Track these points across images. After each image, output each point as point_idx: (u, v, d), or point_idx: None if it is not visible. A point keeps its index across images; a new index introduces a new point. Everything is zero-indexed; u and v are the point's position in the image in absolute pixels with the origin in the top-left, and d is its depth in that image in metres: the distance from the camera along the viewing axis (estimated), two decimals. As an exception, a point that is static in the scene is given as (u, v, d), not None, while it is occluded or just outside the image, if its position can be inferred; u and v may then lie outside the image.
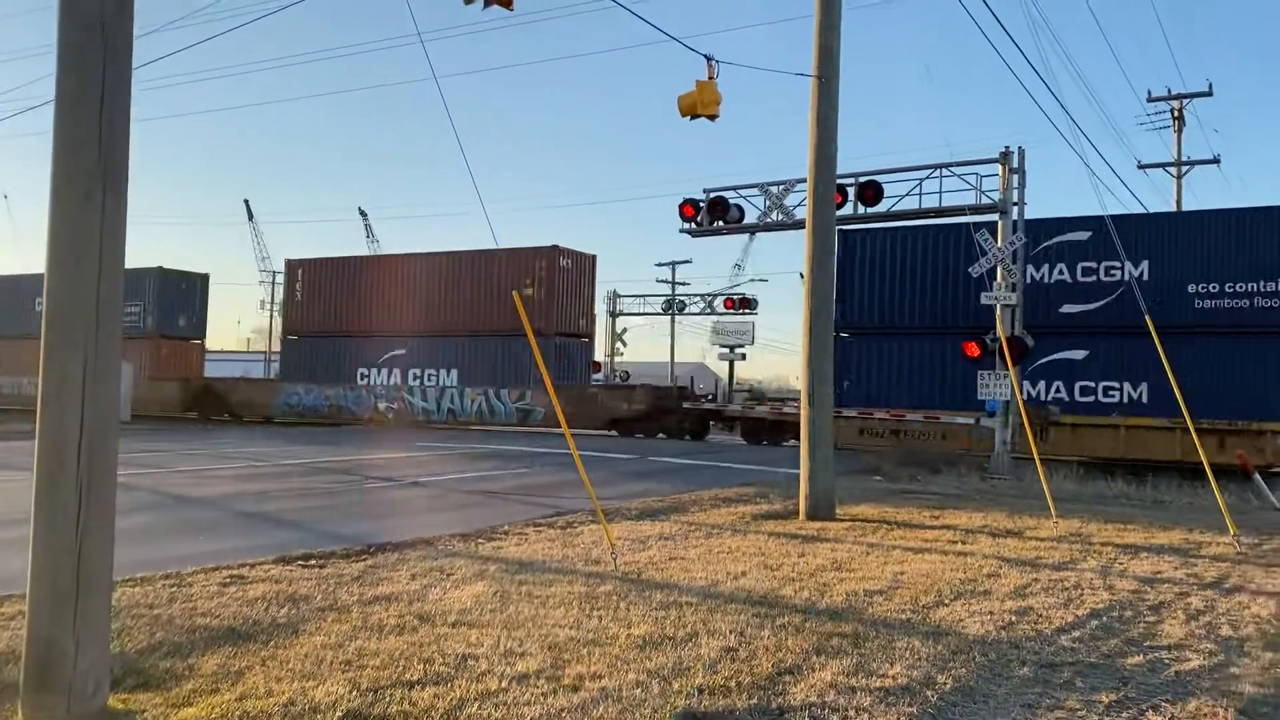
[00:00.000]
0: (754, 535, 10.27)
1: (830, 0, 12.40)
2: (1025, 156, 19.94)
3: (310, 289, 35.84)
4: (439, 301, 32.92)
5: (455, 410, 31.75)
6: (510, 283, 30.46)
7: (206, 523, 10.77)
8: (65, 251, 4.52)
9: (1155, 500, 15.12)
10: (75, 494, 4.41)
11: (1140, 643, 6.20)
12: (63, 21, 4.62)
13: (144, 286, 37.94)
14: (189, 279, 40.05)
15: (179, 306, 38.94)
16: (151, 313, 38.21)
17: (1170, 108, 35.04)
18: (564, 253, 31.69)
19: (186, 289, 39.72)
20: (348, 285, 34.99)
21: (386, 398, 33.00)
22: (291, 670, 5.14)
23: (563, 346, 31.70)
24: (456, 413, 31.72)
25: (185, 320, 39.43)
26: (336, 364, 34.55)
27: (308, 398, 34.25)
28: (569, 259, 32.02)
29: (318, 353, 35.16)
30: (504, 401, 31.09)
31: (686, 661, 5.44)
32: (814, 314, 12.34)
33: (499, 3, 7.57)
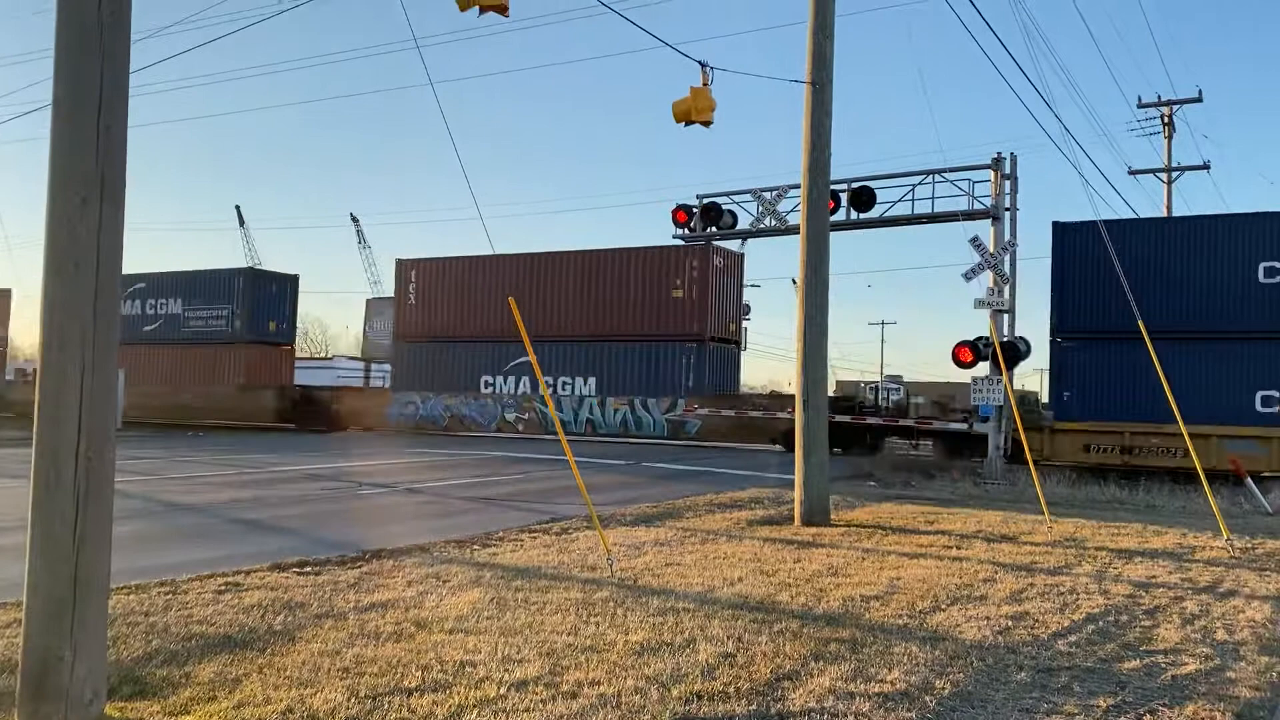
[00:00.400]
0: (749, 541, 10.27)
1: (823, 7, 12.45)
2: (1017, 162, 20.04)
3: (425, 291, 33.17)
4: (574, 304, 30.46)
5: (594, 422, 29.16)
6: (655, 283, 28.70)
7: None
8: (63, 259, 4.50)
9: (1148, 504, 15.18)
10: (73, 502, 4.40)
11: (1136, 647, 6.22)
12: (60, 27, 4.61)
13: (232, 288, 36.26)
14: (278, 280, 37.89)
15: (268, 310, 36.60)
16: (240, 316, 36.10)
17: (1160, 114, 35.25)
18: (718, 250, 28.74)
19: (276, 291, 37.51)
20: (466, 286, 32.16)
21: (515, 407, 30.57)
22: (292, 677, 5.13)
23: (717, 354, 29.22)
24: (596, 424, 29.12)
25: (275, 324, 37.05)
26: (456, 371, 32.04)
27: (425, 407, 32.11)
28: (721, 256, 29.17)
29: (435, 360, 32.58)
30: (652, 413, 28.49)
31: (684, 667, 5.43)
32: (808, 319, 12.36)
33: (494, 9, 7.59)
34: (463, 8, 7.63)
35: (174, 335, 37.54)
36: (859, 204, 21.29)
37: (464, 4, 7.62)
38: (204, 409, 35.57)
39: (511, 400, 30.72)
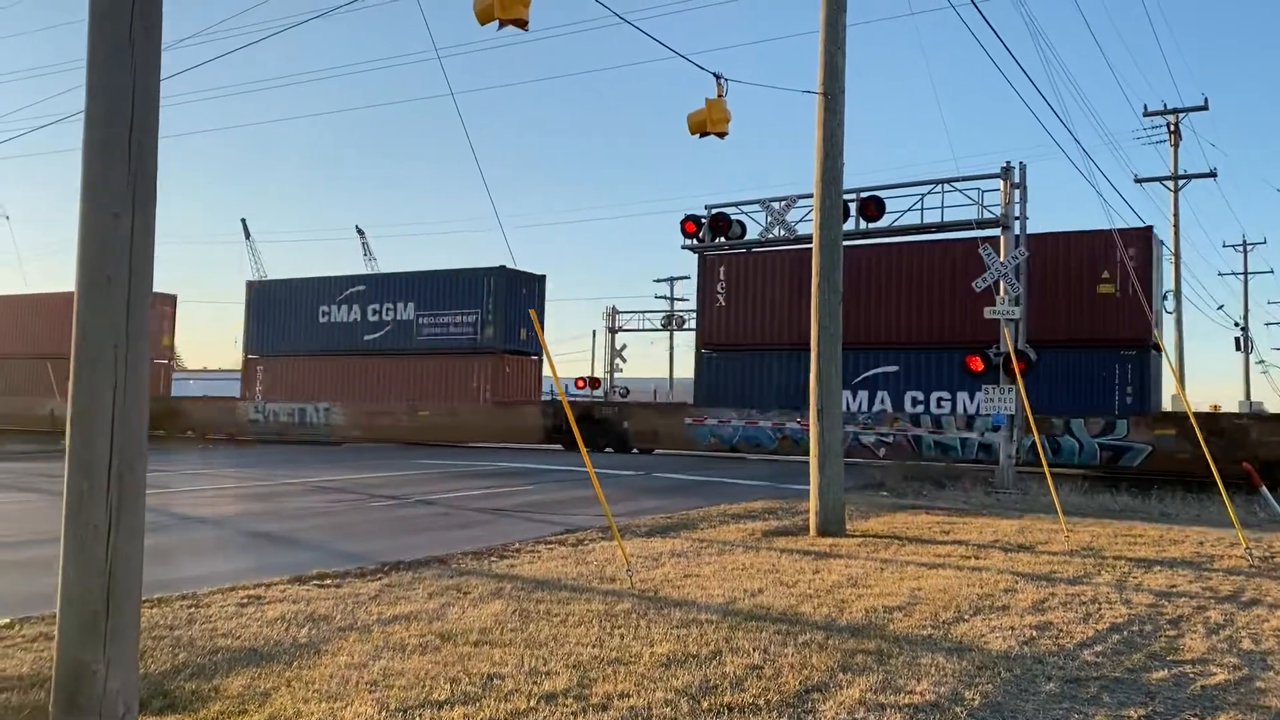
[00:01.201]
0: (766, 552, 10.26)
1: (835, 18, 12.48)
2: (1026, 171, 20.03)
3: (736, 290, 26.84)
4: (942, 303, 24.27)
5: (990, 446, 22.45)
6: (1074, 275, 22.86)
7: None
8: (95, 273, 4.52)
9: (1162, 513, 15.12)
10: (105, 515, 4.41)
11: (1163, 657, 6.20)
12: (92, 44, 4.64)
13: (481, 291, 31.63)
14: (527, 281, 32.81)
15: (520, 315, 31.72)
16: (493, 323, 31.39)
17: (1166, 122, 35.30)
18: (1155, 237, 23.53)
19: (526, 294, 32.57)
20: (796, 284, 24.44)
21: (872, 428, 24.96)
22: (321, 691, 5.13)
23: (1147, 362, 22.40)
24: (990, 448, 22.32)
25: (525, 331, 32.03)
26: (778, 385, 26.19)
27: (742, 427, 26.66)
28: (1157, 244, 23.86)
29: (749, 370, 26.83)
30: (1079, 436, 22.41)
31: (713, 679, 5.42)
32: (822, 328, 12.36)
33: (514, 23, 7.62)
34: (482, 21, 7.66)
35: (404, 344, 33.09)
36: (868, 213, 21.31)
37: (484, 18, 7.65)
38: (448, 427, 31.64)
39: (867, 418, 24.98)
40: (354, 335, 34.09)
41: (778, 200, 23.48)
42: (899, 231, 22.07)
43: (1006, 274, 19.14)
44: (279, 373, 35.63)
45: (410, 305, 33.15)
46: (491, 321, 31.39)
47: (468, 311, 31.88)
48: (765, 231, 23.95)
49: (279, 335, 35.73)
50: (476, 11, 7.76)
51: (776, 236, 23.84)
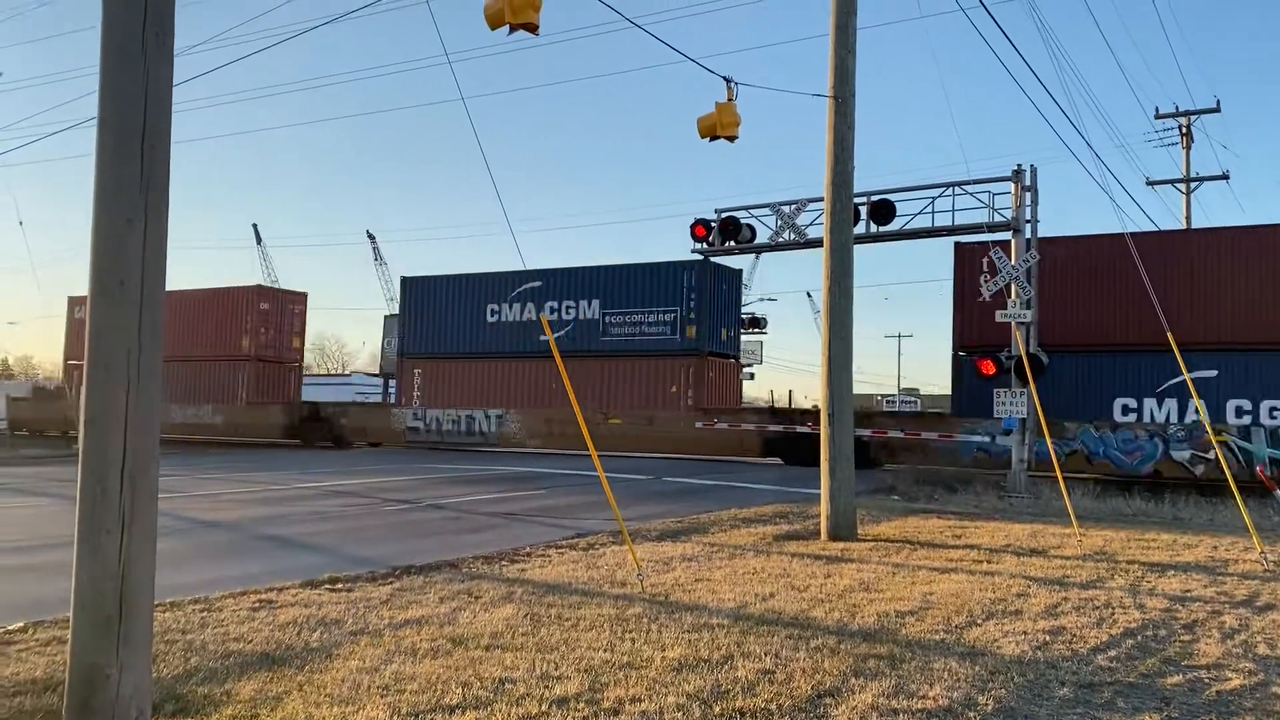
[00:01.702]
0: (778, 556, 10.23)
1: (845, 21, 12.47)
2: (1038, 174, 19.97)
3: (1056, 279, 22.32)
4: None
5: None
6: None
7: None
8: (108, 279, 4.54)
9: (1175, 517, 15.04)
10: (118, 519, 4.42)
11: (1178, 662, 6.16)
12: (105, 49, 4.66)
13: (679, 286, 28.32)
14: (729, 277, 29.59)
15: (721, 314, 28.91)
16: (695, 321, 28.14)
17: (1179, 124, 35.14)
18: None
19: (727, 290, 29.64)
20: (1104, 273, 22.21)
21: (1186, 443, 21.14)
22: (333, 695, 5.13)
23: None
24: None
25: (726, 332, 29.02)
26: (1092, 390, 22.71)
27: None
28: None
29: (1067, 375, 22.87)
30: None
31: (724, 684, 5.41)
32: (832, 332, 12.34)
33: (525, 28, 7.63)
34: (493, 26, 7.68)
35: (587, 345, 29.79)
36: (879, 217, 21.23)
37: (494, 23, 7.67)
38: (644, 437, 27.95)
39: (1181, 433, 21.41)
40: (528, 336, 31.02)
41: (788, 204, 23.43)
42: (909, 235, 21.99)
43: (1018, 277, 19.08)
44: (438, 376, 32.99)
45: (595, 303, 29.96)
46: (694, 320, 28.12)
47: (664, 309, 28.55)
48: (775, 235, 23.89)
49: (439, 335, 33.07)
50: (487, 16, 7.78)
51: (786, 240, 23.80)
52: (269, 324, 37.04)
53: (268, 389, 36.85)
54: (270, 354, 37.03)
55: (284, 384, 37.63)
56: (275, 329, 37.17)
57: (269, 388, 36.96)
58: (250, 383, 36.37)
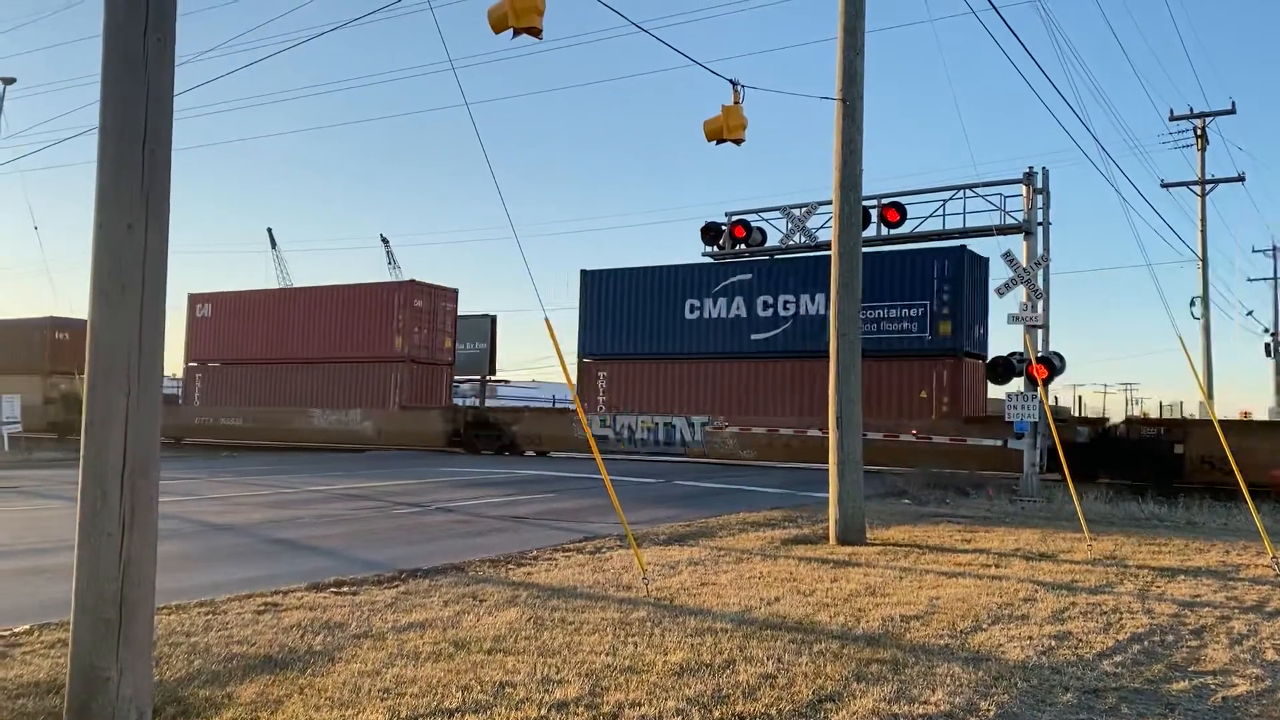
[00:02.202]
0: (784, 560, 10.20)
1: (853, 24, 12.44)
2: (1049, 177, 19.90)
3: None
4: None
5: None
6: None
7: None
8: (109, 283, 4.57)
9: (1189, 522, 14.94)
10: (118, 523, 4.44)
11: (1184, 668, 6.11)
12: (106, 55, 4.69)
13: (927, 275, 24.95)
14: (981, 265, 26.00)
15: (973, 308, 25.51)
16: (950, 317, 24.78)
17: (1193, 126, 34.93)
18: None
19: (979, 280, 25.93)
20: None
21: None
22: (333, 698, 5.14)
23: None
24: None
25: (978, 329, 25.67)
26: None
27: None
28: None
29: None
30: None
31: (725, 689, 5.39)
32: (841, 335, 12.30)
33: (528, 31, 7.65)
34: (497, 30, 7.70)
35: (809, 345, 26.04)
36: (890, 219, 21.22)
37: (498, 27, 7.69)
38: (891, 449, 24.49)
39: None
40: (736, 334, 27.78)
41: (798, 207, 23.42)
42: (920, 238, 21.98)
43: (1030, 279, 19.01)
44: (627, 379, 29.68)
45: (819, 297, 26.02)
46: (947, 315, 24.62)
47: (910, 303, 24.96)
48: (786, 238, 23.89)
49: (626, 334, 29.75)
50: (491, 20, 7.80)
51: (797, 244, 23.77)
52: (422, 322, 34.24)
53: (422, 392, 34.18)
54: (424, 355, 34.35)
55: (437, 387, 35.01)
56: (429, 327, 34.46)
57: (423, 391, 34.24)
58: (404, 386, 33.76)
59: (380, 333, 34.11)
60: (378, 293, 35.05)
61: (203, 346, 38.71)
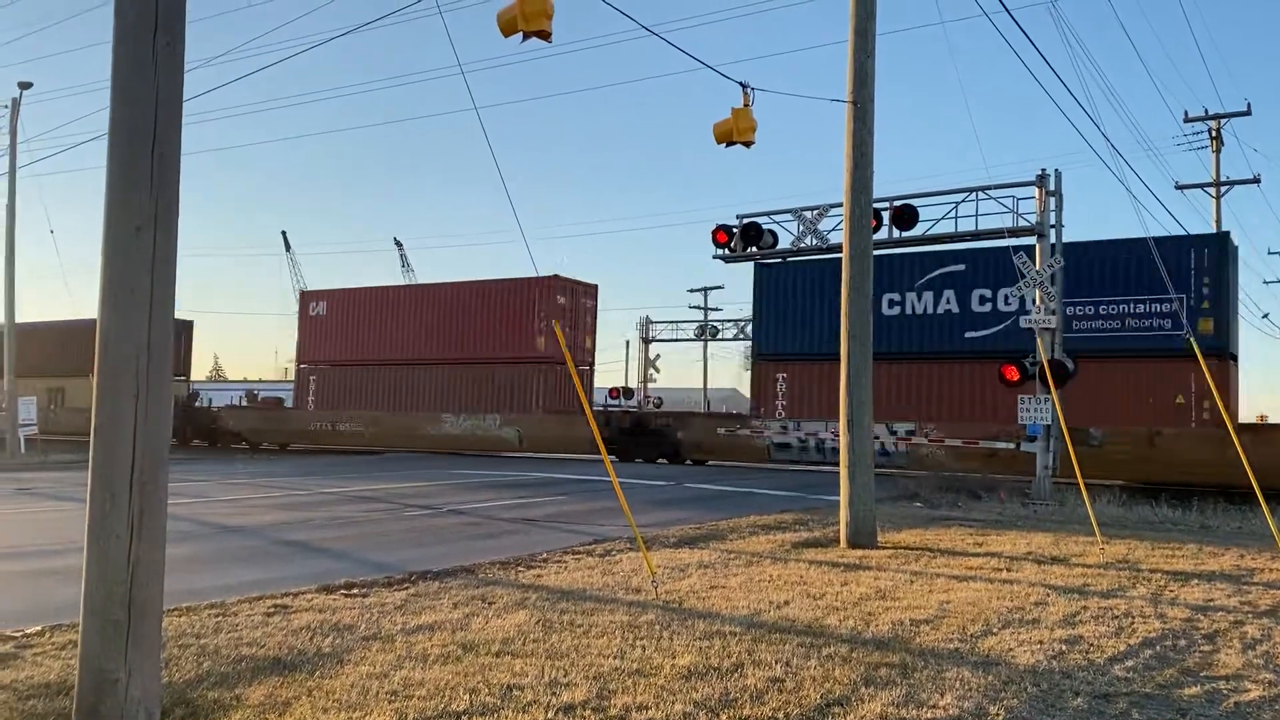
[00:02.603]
0: (795, 563, 10.18)
1: (864, 25, 12.42)
2: (1062, 179, 19.80)
3: None
4: None
5: None
6: None
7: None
8: (118, 286, 4.59)
9: (1202, 525, 14.84)
10: (127, 525, 4.46)
11: (1196, 673, 6.06)
12: (116, 59, 4.71)
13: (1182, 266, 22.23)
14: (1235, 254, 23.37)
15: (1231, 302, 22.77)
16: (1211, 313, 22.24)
17: (1208, 128, 34.77)
18: None
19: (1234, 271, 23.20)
20: None
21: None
22: (341, 700, 5.14)
23: None
24: None
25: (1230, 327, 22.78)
26: None
27: None
28: None
29: None
30: None
31: (733, 692, 5.38)
32: (851, 337, 12.27)
33: (538, 35, 7.66)
34: (506, 34, 7.71)
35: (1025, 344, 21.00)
36: (901, 222, 21.10)
37: (507, 31, 7.70)
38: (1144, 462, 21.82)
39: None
40: (946, 332, 25.01)
41: (810, 209, 23.36)
42: (932, 240, 21.87)
43: (1043, 282, 18.92)
44: (809, 381, 26.71)
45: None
46: (1209, 311, 22.02)
47: (1160, 298, 22.18)
48: (797, 241, 23.82)
49: (808, 332, 26.84)
50: (500, 24, 7.81)
51: (809, 246, 23.72)
52: (565, 320, 31.35)
53: (566, 396, 31.56)
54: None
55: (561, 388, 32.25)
56: (570, 326, 31.66)
57: (567, 394, 31.54)
58: (548, 388, 31.65)
59: (520, 332, 31.94)
60: (517, 289, 32.41)
61: (316, 347, 36.64)
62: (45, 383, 37.91)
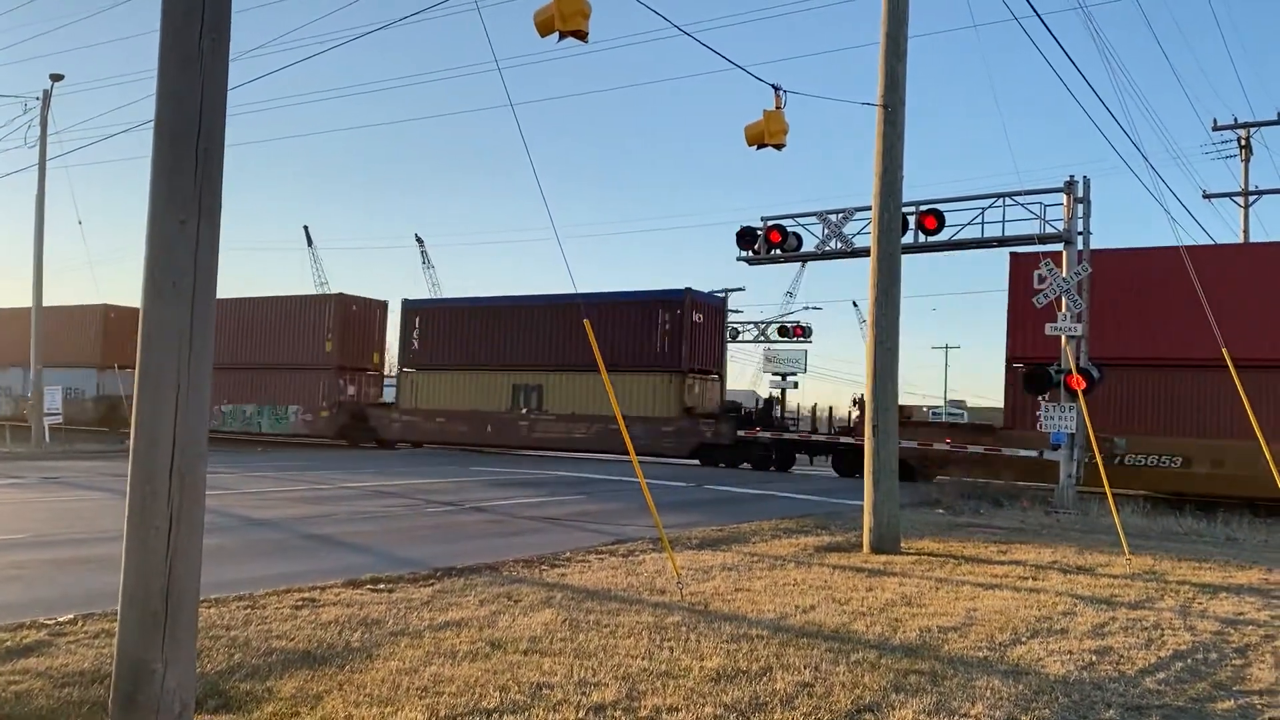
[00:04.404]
0: (819, 568, 10.15)
1: (896, 30, 12.37)
2: (1091, 186, 19.67)
3: None
4: None
5: None
6: None
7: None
8: (161, 279, 4.61)
9: (1228, 537, 14.71)
10: (167, 517, 4.48)
11: (1229, 687, 6.01)
12: (164, 55, 4.74)
13: None
14: None
15: None
16: None
17: (1237, 136, 34.41)
18: None
19: None
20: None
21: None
22: (372, 695, 5.17)
23: None
24: None
25: None
26: None
27: None
28: None
29: None
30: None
31: (763, 696, 5.37)
32: (878, 342, 12.23)
33: (574, 35, 7.67)
34: (543, 33, 7.73)
35: None
36: (927, 226, 21.04)
37: (544, 30, 7.72)
38: None
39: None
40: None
41: (835, 212, 23.29)
42: (958, 245, 21.77)
43: (1068, 290, 18.81)
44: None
45: None
46: None
47: None
48: (822, 244, 23.76)
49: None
50: (537, 24, 7.83)
51: (833, 249, 23.66)
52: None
53: None
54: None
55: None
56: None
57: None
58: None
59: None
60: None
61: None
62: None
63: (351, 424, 35.93)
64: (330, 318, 36.48)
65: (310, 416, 36.37)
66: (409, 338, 36.04)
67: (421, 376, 35.64)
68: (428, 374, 35.48)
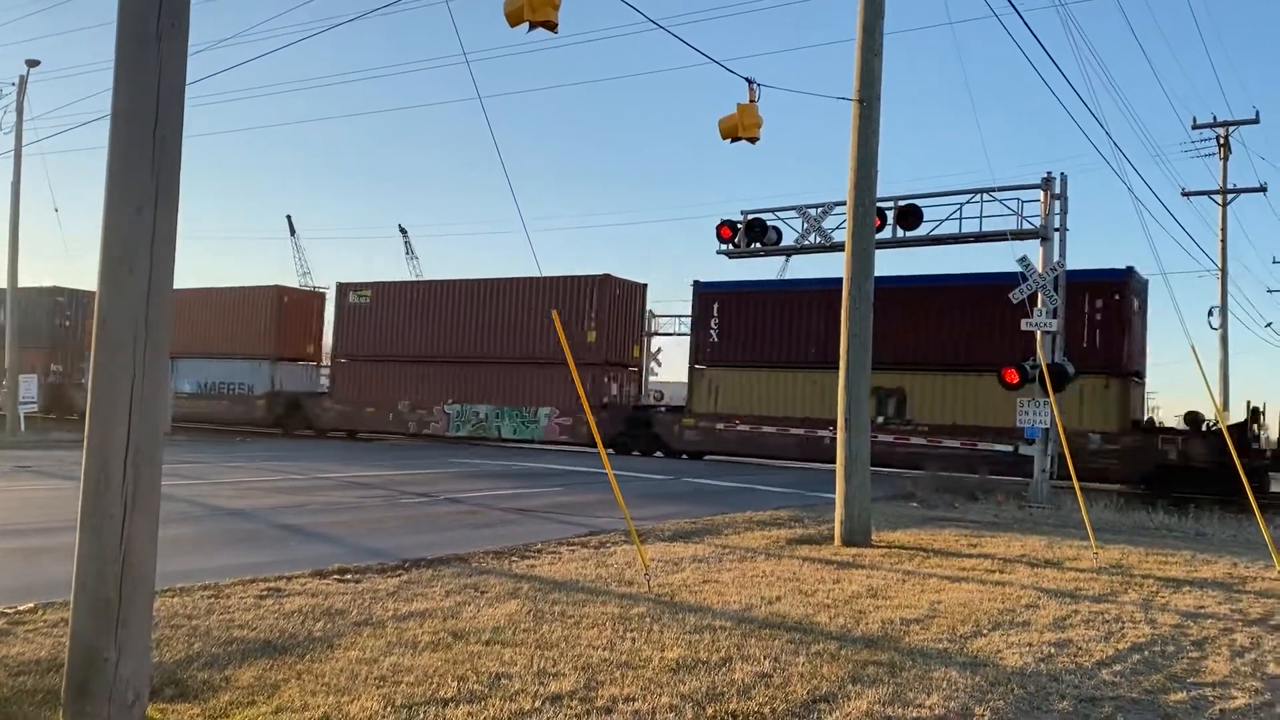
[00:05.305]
0: (789, 560, 10.20)
1: (873, 24, 12.39)
2: (1068, 183, 19.77)
3: None
4: None
5: None
6: None
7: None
8: (116, 264, 4.59)
9: (1198, 532, 14.83)
10: (121, 504, 4.47)
11: (1183, 679, 6.08)
12: (120, 38, 4.71)
13: None
14: None
15: None
16: None
17: (1216, 135, 34.67)
18: None
19: None
20: None
21: None
22: (330, 684, 5.17)
23: None
24: None
25: None
26: None
27: None
28: None
29: None
30: None
31: (720, 686, 5.40)
32: (851, 336, 12.27)
33: (544, 25, 7.66)
34: (513, 23, 7.71)
35: None
36: (905, 222, 21.06)
37: (514, 20, 7.71)
38: None
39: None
40: None
41: (814, 207, 23.31)
42: (936, 241, 21.83)
43: (1044, 286, 18.91)
44: None
45: None
46: None
47: None
48: (801, 238, 23.77)
49: None
50: (507, 13, 7.82)
51: (812, 244, 23.68)
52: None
53: None
54: None
55: None
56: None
57: None
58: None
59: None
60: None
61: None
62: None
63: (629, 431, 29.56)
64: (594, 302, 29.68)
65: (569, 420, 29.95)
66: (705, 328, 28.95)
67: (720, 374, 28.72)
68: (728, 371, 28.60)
